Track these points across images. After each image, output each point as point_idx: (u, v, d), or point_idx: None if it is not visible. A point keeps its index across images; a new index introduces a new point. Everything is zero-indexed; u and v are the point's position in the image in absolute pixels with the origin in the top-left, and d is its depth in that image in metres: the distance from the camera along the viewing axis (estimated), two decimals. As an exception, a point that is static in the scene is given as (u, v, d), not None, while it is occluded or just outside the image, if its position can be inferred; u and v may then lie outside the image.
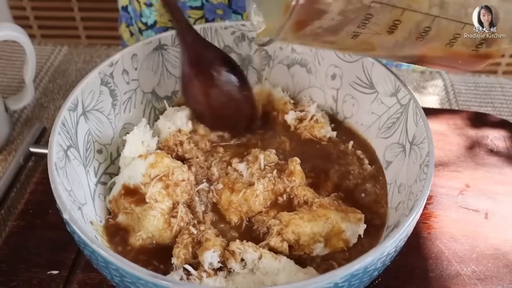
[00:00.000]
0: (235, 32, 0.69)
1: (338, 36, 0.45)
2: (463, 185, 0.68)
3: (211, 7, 0.83)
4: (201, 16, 0.85)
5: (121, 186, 0.57)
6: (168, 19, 0.59)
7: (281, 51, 0.69)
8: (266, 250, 0.51)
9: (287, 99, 0.69)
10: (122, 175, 0.58)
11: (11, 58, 0.92)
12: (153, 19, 0.88)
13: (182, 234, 0.53)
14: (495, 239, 0.62)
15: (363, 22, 0.43)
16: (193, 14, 0.85)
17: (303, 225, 0.53)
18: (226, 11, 0.83)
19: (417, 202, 0.48)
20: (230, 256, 0.50)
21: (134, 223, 0.55)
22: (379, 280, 0.57)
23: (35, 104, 0.85)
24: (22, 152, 0.72)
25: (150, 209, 0.54)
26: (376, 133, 0.64)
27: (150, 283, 0.42)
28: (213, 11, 0.84)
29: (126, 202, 0.56)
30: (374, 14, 0.43)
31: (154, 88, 0.68)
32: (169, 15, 0.59)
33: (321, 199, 0.56)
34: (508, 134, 0.75)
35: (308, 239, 0.53)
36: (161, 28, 0.89)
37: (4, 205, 0.68)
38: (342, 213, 0.54)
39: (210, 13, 0.84)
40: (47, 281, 0.57)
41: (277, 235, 0.53)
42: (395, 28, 0.44)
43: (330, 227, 0.53)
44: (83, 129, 0.58)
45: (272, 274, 0.49)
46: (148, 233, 0.54)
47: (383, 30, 0.45)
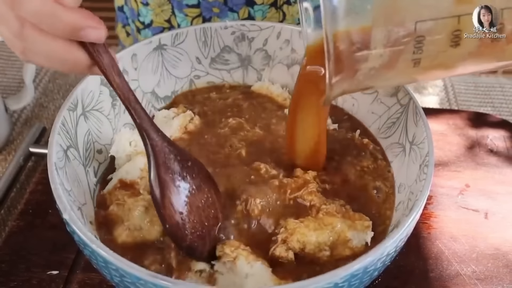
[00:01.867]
0: (235, 32, 0.69)
1: (397, 69, 0.40)
2: (463, 185, 0.68)
3: (207, 5, 0.83)
4: (198, 15, 0.85)
5: (117, 180, 0.57)
6: (131, 117, 0.48)
7: (281, 51, 0.69)
8: (244, 253, 0.50)
9: (287, 95, 0.68)
10: (120, 171, 0.58)
11: (11, 58, 0.92)
12: (149, 18, 0.88)
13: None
14: (495, 239, 0.62)
15: (416, 46, 0.39)
16: (190, 13, 0.85)
17: (308, 234, 0.51)
18: (222, 9, 0.83)
19: (417, 202, 0.48)
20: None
21: (124, 214, 0.54)
22: (379, 280, 0.57)
23: (35, 104, 0.85)
24: (22, 152, 0.72)
25: (142, 200, 0.54)
26: (376, 133, 0.64)
27: (150, 283, 0.42)
28: (210, 9, 0.84)
29: (119, 194, 0.56)
30: (425, 34, 0.38)
31: (154, 88, 0.68)
32: (131, 114, 0.48)
33: (328, 205, 0.54)
34: (508, 134, 0.75)
35: (314, 248, 0.52)
36: (157, 28, 0.89)
37: (4, 205, 0.68)
38: (349, 221, 0.53)
39: (206, 11, 0.84)
40: (47, 281, 0.57)
41: (282, 244, 0.52)
42: (459, 39, 0.39)
43: (336, 236, 0.52)
44: (83, 129, 0.58)
45: (241, 277, 0.48)
46: (136, 225, 0.53)
47: (446, 46, 0.39)
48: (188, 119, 0.64)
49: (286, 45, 0.69)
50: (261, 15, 0.86)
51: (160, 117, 0.65)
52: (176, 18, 0.86)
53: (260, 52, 0.70)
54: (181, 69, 0.69)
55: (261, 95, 0.69)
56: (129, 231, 0.53)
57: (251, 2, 0.84)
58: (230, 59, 0.71)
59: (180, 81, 0.70)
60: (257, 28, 0.68)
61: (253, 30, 0.69)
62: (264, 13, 0.85)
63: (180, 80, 0.70)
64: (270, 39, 0.69)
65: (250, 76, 0.72)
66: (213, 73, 0.71)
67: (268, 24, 0.68)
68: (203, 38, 0.68)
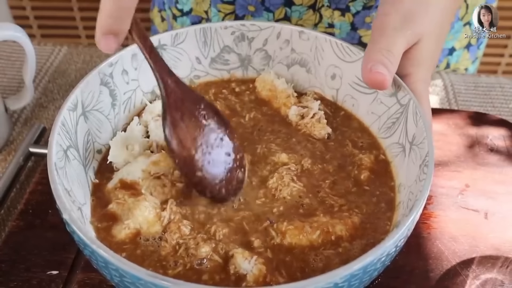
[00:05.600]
0: (235, 32, 0.69)
1: None
2: (463, 185, 0.68)
3: (243, 2, 0.82)
4: (231, 12, 0.84)
5: (118, 180, 0.57)
6: (150, 66, 0.53)
7: (281, 51, 0.69)
8: (239, 250, 0.51)
9: (290, 92, 0.68)
10: (121, 171, 0.58)
11: (11, 58, 0.92)
12: (189, 6, 0.87)
13: (171, 232, 0.53)
14: (495, 239, 0.62)
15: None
16: (223, 9, 0.84)
17: (301, 238, 0.52)
18: (258, 7, 0.83)
19: (417, 202, 0.48)
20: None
21: (123, 213, 0.54)
22: (379, 280, 0.57)
23: (35, 104, 0.85)
24: (22, 152, 0.72)
25: (144, 200, 0.54)
26: (376, 133, 0.64)
27: (149, 283, 0.42)
28: (245, 7, 0.83)
29: (120, 193, 0.56)
30: None
31: (154, 88, 0.68)
32: (146, 58, 0.54)
33: (322, 214, 0.55)
34: (508, 134, 0.75)
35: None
36: (196, 16, 0.88)
37: (3, 205, 0.68)
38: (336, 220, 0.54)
39: (241, 9, 0.83)
40: (46, 281, 0.57)
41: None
42: None
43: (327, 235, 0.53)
44: (83, 129, 0.58)
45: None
46: (136, 224, 0.53)
47: None
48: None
49: (286, 45, 0.69)
50: (298, 16, 0.85)
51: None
52: (211, 12, 0.86)
53: (260, 52, 0.70)
54: (181, 69, 0.69)
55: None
56: (128, 230, 0.53)
57: (289, 2, 0.83)
58: (230, 59, 0.71)
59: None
60: (257, 28, 0.68)
61: (253, 30, 0.69)
62: (301, 14, 0.85)
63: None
64: (270, 39, 0.69)
65: (250, 76, 0.72)
66: (213, 73, 0.71)
67: (268, 24, 0.68)
68: (203, 38, 0.68)
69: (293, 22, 0.87)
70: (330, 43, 0.65)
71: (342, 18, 0.87)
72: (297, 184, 0.57)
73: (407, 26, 0.56)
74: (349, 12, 0.86)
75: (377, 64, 0.53)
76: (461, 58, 0.99)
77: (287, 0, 0.83)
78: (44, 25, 1.92)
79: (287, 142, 0.63)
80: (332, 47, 0.65)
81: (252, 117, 0.67)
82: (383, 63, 0.53)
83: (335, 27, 0.88)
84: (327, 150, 0.63)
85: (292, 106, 0.66)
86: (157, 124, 0.62)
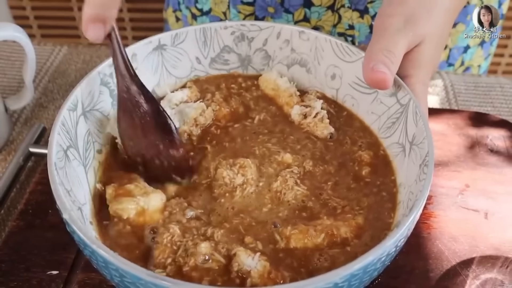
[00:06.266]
0: (235, 32, 0.69)
1: None
2: (463, 185, 0.68)
3: (262, 3, 0.82)
4: (251, 13, 0.84)
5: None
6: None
7: (281, 51, 0.69)
8: (241, 248, 0.50)
9: (293, 91, 0.68)
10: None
11: (11, 58, 0.92)
12: (208, 6, 0.87)
13: (163, 232, 0.52)
14: (495, 239, 0.62)
15: None
16: (243, 10, 0.84)
17: (306, 242, 0.52)
18: (277, 9, 0.83)
19: (417, 202, 0.48)
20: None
21: (139, 193, 0.55)
22: (379, 280, 0.57)
23: (35, 104, 0.85)
24: (22, 152, 0.72)
25: (160, 191, 0.56)
26: (376, 133, 0.64)
27: (150, 283, 0.42)
28: (265, 8, 0.83)
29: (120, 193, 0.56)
30: None
31: (154, 88, 0.68)
32: (110, 50, 0.56)
33: (326, 217, 0.55)
34: (508, 134, 0.75)
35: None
36: (215, 17, 0.88)
37: (3, 205, 0.68)
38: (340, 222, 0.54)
39: (261, 11, 0.83)
40: (46, 281, 0.57)
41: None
42: None
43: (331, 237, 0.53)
44: (83, 129, 0.58)
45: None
46: (146, 204, 0.54)
47: None
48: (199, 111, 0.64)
49: (286, 45, 0.69)
50: (317, 17, 0.85)
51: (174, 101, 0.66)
52: (230, 13, 0.86)
53: (260, 52, 0.70)
54: (181, 69, 0.69)
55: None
56: (135, 208, 0.54)
57: (308, 3, 0.83)
58: (230, 59, 0.71)
59: (180, 81, 0.70)
60: (257, 28, 0.68)
61: (253, 30, 0.69)
62: (320, 15, 0.85)
63: (180, 80, 0.70)
64: (270, 39, 0.69)
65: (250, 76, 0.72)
66: (213, 73, 0.71)
67: (268, 24, 0.68)
68: (203, 38, 0.68)
69: (312, 23, 0.87)
70: (330, 43, 0.65)
71: (360, 20, 0.86)
72: (300, 188, 0.57)
73: (409, 27, 0.56)
74: (367, 14, 0.86)
75: (378, 63, 0.53)
76: (474, 55, 0.99)
77: (306, 1, 0.83)
78: (44, 25, 1.92)
79: (289, 142, 0.63)
80: (332, 47, 0.65)
81: (258, 117, 0.67)
82: (384, 62, 0.53)
83: (355, 29, 0.88)
84: (327, 150, 0.63)
85: (294, 105, 0.66)
86: (172, 112, 0.63)
